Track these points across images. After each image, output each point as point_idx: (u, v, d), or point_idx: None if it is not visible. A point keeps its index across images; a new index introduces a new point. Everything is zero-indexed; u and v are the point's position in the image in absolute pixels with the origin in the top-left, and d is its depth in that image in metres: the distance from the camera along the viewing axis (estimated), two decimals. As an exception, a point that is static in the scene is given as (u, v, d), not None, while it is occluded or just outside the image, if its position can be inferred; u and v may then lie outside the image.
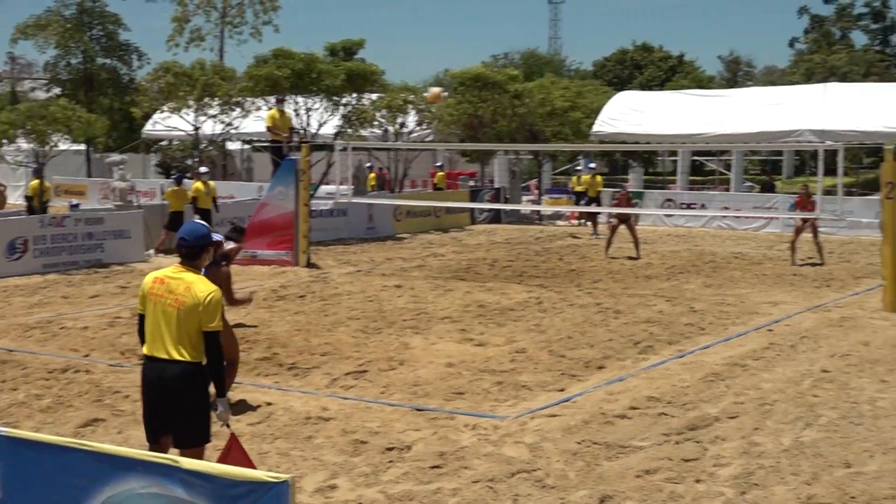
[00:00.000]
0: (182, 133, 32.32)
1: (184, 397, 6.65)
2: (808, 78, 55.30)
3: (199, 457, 6.51)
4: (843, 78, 53.08)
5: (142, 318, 6.85)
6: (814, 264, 21.68)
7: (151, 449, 6.72)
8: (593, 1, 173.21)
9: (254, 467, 6.24)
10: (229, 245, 13.30)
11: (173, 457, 4.98)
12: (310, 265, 21.11)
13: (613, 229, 23.40)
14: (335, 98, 28.60)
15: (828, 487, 7.72)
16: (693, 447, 8.69)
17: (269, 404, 10.11)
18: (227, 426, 6.74)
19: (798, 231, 22.09)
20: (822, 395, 10.47)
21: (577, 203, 32.24)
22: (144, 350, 6.79)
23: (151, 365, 6.71)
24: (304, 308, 16.12)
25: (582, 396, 10.49)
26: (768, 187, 36.47)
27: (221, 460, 6.24)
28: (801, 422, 9.45)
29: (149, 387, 6.76)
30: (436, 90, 24.86)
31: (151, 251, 22.44)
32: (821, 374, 11.37)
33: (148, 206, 24.58)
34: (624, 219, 23.30)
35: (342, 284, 18.75)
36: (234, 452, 6.46)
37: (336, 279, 19.47)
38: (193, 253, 6.84)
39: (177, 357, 6.60)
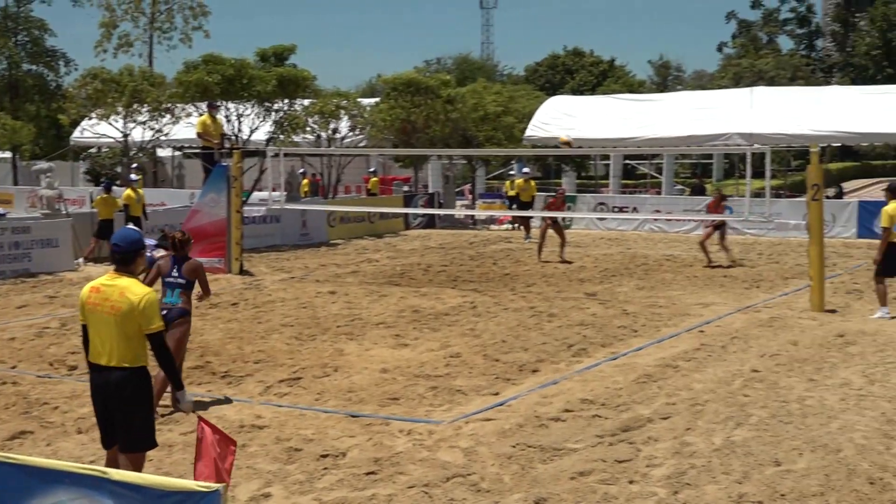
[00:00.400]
0: (111, 140, 31.94)
1: (127, 404, 6.69)
2: (737, 82, 56.17)
3: (140, 462, 6.77)
4: (771, 82, 54.00)
5: (85, 328, 6.88)
6: (721, 265, 21.92)
7: (107, 455, 6.95)
8: (525, 6, 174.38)
9: (234, 442, 6.32)
10: (159, 252, 13.24)
11: (101, 468, 4.92)
12: (243, 272, 20.95)
13: (543, 232, 23.53)
14: (267, 104, 28.44)
15: (758, 486, 7.82)
16: (626, 448, 8.76)
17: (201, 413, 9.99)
18: (194, 412, 6.89)
19: (708, 234, 22.39)
20: (753, 394, 10.61)
21: (510, 207, 32.38)
22: (89, 359, 6.84)
23: (96, 373, 6.78)
24: (238, 316, 15.99)
25: (516, 400, 10.52)
26: (698, 190, 36.90)
27: (197, 448, 6.22)
28: (732, 421, 9.57)
29: (96, 394, 6.83)
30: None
31: (80, 260, 22.10)
32: (751, 374, 11.52)
33: (76, 215, 24.22)
34: (553, 221, 23.48)
35: (276, 291, 18.63)
36: (206, 437, 6.26)
37: (269, 286, 19.34)
38: (127, 258, 6.86)
39: (118, 364, 6.67)
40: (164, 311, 9.32)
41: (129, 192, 23.16)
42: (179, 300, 10.37)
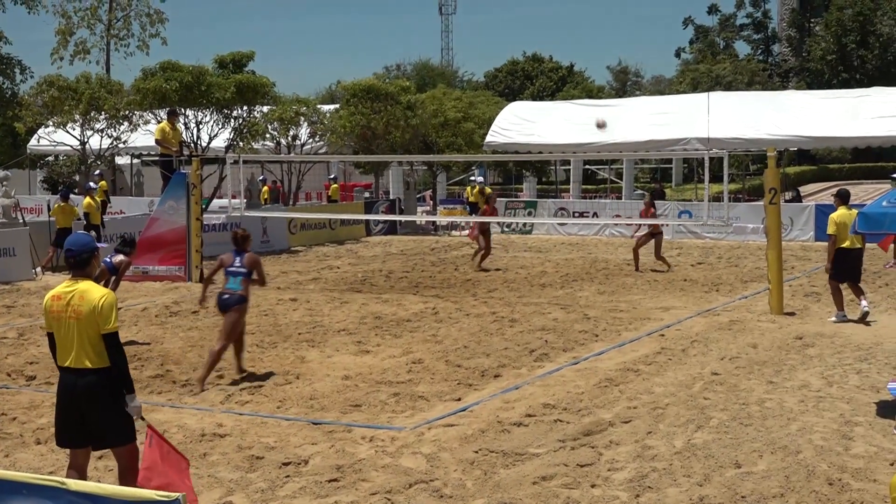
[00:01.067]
0: (68, 148, 31.64)
1: (99, 404, 6.90)
2: (695, 87, 56.68)
3: (133, 454, 7.09)
4: (728, 87, 54.54)
5: (50, 335, 7.10)
6: (659, 270, 22.06)
7: (70, 455, 7.22)
8: (484, 12, 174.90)
9: (179, 453, 6.91)
10: (118, 257, 13.15)
11: (60, 479, 4.87)
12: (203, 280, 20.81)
13: (476, 239, 23.43)
14: (226, 111, 28.30)
15: (719, 488, 7.88)
16: (588, 452, 8.79)
17: (161, 422, 9.93)
18: (142, 419, 7.06)
19: (642, 241, 22.47)
20: (713, 397, 10.69)
21: (470, 213, 32.36)
22: (58, 361, 7.05)
23: (65, 375, 6.99)
24: (198, 324, 15.89)
25: (478, 405, 10.53)
26: (658, 195, 37.15)
27: (145, 452, 6.72)
28: (693, 424, 9.63)
29: (63, 396, 7.00)
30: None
31: (38, 269, 21.87)
32: (711, 377, 11.61)
33: (33, 223, 23.98)
34: (484, 229, 23.10)
35: (236, 299, 18.51)
36: (154, 442, 6.79)
37: (230, 294, 19.21)
38: (82, 261, 7.06)
39: (84, 366, 6.88)
40: (227, 296, 11.86)
41: (88, 200, 22.96)
42: (240, 287, 11.96)
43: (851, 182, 48.58)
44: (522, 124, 36.48)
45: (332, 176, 38.95)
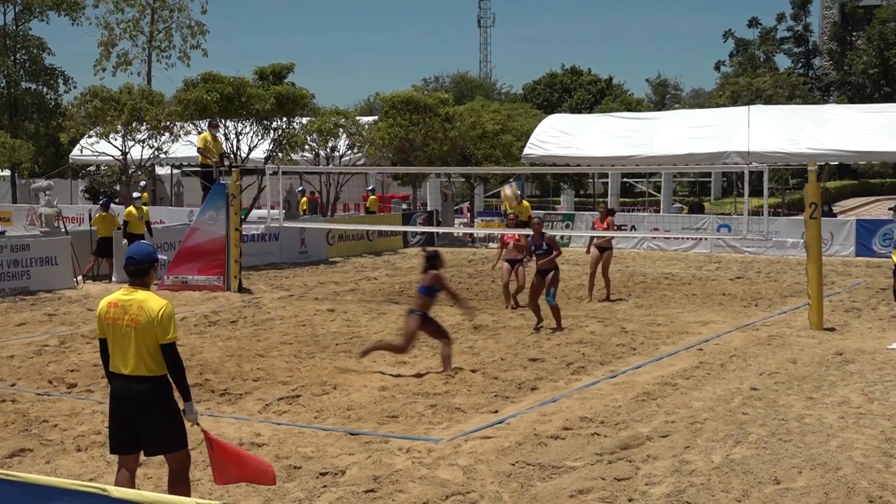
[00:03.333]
0: (110, 158, 31.98)
1: (153, 410, 7.04)
2: (734, 100, 56.38)
3: (186, 459, 7.25)
4: (768, 100, 54.21)
5: (102, 341, 7.20)
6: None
7: (119, 461, 7.29)
8: (522, 25, 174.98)
9: (236, 449, 7.27)
10: (428, 277, 13.28)
11: (101, 485, 4.91)
12: (241, 290, 20.95)
13: (506, 274, 19.73)
14: (265, 122, 28.50)
15: (757, 503, 7.83)
16: (625, 466, 8.76)
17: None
18: (198, 425, 7.23)
19: (597, 259, 20.35)
20: (752, 412, 10.62)
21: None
22: (110, 368, 7.16)
23: (117, 382, 7.10)
24: (236, 333, 15.98)
25: (515, 418, 10.52)
26: (697, 208, 37.00)
27: (210, 456, 7.09)
28: (731, 439, 9.57)
29: (117, 402, 7.13)
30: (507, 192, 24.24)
31: (79, 278, 22.10)
32: (750, 392, 11.53)
33: (75, 233, 24.21)
34: (512, 259, 19.58)
35: (274, 309, 18.63)
36: (216, 448, 7.12)
37: (268, 304, 19.34)
38: (142, 271, 7.18)
39: (140, 374, 7.00)
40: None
41: (130, 208, 23.18)
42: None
43: (892, 197, 48.15)
44: (560, 137, 36.43)
45: (370, 187, 39.08)
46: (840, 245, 28.34)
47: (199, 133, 26.55)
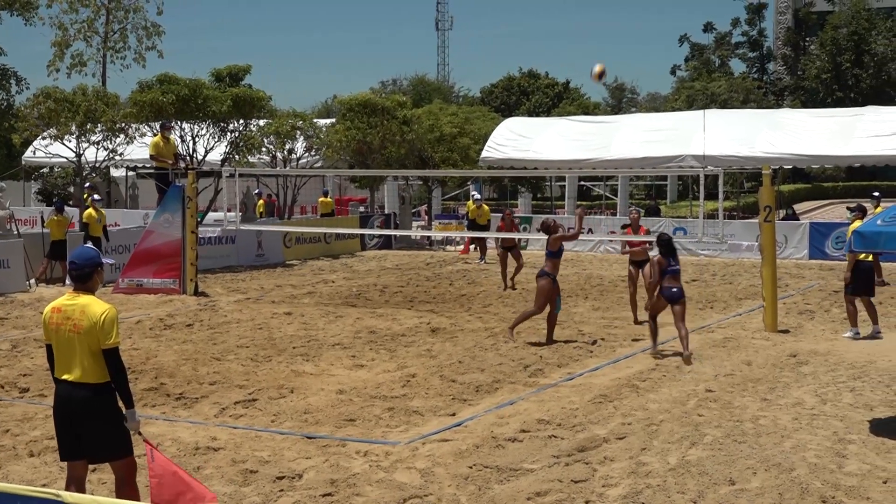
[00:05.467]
0: (64, 160, 31.64)
1: (96, 418, 6.93)
2: (690, 104, 56.79)
3: (131, 467, 7.13)
4: (723, 104, 54.66)
5: (48, 347, 7.12)
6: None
7: (68, 467, 7.20)
8: (480, 28, 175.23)
9: (177, 469, 7.09)
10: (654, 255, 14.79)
11: (55, 491, 4.87)
12: (198, 293, 20.81)
13: (502, 259, 22.71)
14: (222, 124, 28.33)
15: (713, 505, 7.88)
16: (582, 468, 8.80)
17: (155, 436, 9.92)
18: (139, 434, 7.10)
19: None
20: (707, 414, 10.70)
21: (468, 229, 32.33)
22: (55, 374, 7.06)
23: (61, 387, 7.00)
24: (192, 337, 15.88)
25: (473, 421, 10.53)
26: (653, 211, 37.18)
27: (150, 468, 6.94)
28: (687, 441, 9.64)
29: (60, 409, 7.03)
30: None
31: (32, 281, 21.86)
32: (705, 394, 11.62)
33: (28, 235, 23.95)
34: (509, 246, 22.67)
35: (231, 312, 18.53)
36: (156, 458, 7.02)
37: (225, 307, 19.23)
38: (84, 275, 7.09)
39: (84, 380, 6.89)
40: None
41: (89, 211, 22.97)
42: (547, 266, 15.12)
43: (845, 200, 48.64)
44: (518, 140, 36.54)
45: (324, 190, 38.99)
46: (794, 248, 28.63)
47: (154, 135, 26.32)
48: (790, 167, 37.02)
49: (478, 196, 32.08)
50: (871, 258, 15.27)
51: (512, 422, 10.42)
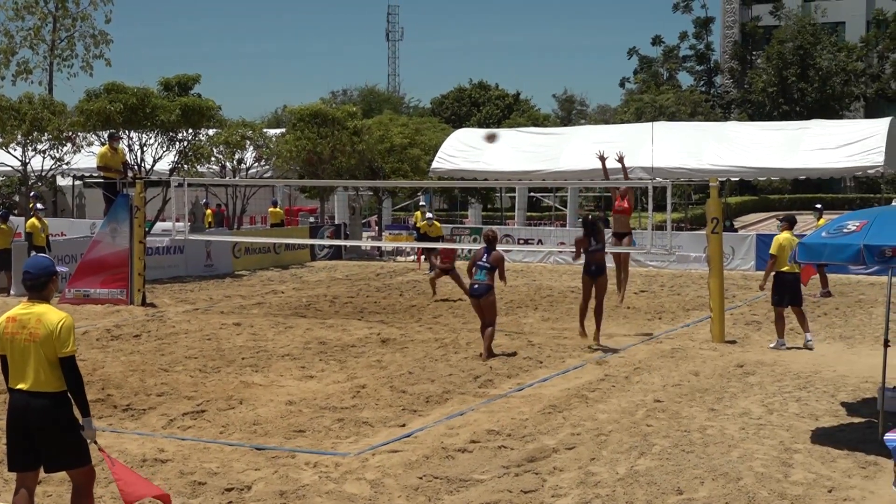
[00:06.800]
0: (9, 168, 31.21)
1: (54, 427, 6.89)
2: (639, 117, 57.27)
3: (90, 475, 7.13)
4: (671, 117, 55.18)
5: (2, 358, 7.05)
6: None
7: (17, 478, 7.13)
8: (431, 39, 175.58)
9: (136, 477, 7.16)
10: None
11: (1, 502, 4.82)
12: (145, 304, 20.62)
13: (433, 282, 22.45)
14: (170, 133, 28.11)
15: (661, 514, 7.93)
16: (532, 479, 8.82)
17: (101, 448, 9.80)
18: (95, 443, 7.05)
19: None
20: (656, 424, 10.78)
21: (417, 239, 32.33)
22: (9, 384, 7.01)
23: (16, 396, 6.95)
24: (140, 348, 15.73)
25: (423, 431, 10.53)
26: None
27: (113, 472, 6.96)
28: (636, 451, 9.70)
29: (15, 418, 6.97)
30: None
31: (-24, 291, 21.54)
32: (654, 404, 11.70)
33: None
34: (446, 269, 21.87)
35: (179, 323, 18.38)
36: (115, 464, 7.06)
37: (173, 318, 19.07)
38: (39, 284, 7.06)
39: (40, 389, 6.85)
40: (476, 286, 14.83)
41: (33, 220, 22.69)
42: (486, 278, 14.75)
43: (791, 212, 49.30)
44: (468, 151, 36.63)
45: (273, 200, 38.81)
46: (741, 259, 28.93)
47: (102, 144, 26.05)
48: (737, 179, 37.46)
49: (430, 215, 31.94)
50: (796, 269, 15.46)
51: (462, 432, 10.43)
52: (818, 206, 25.17)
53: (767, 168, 32.47)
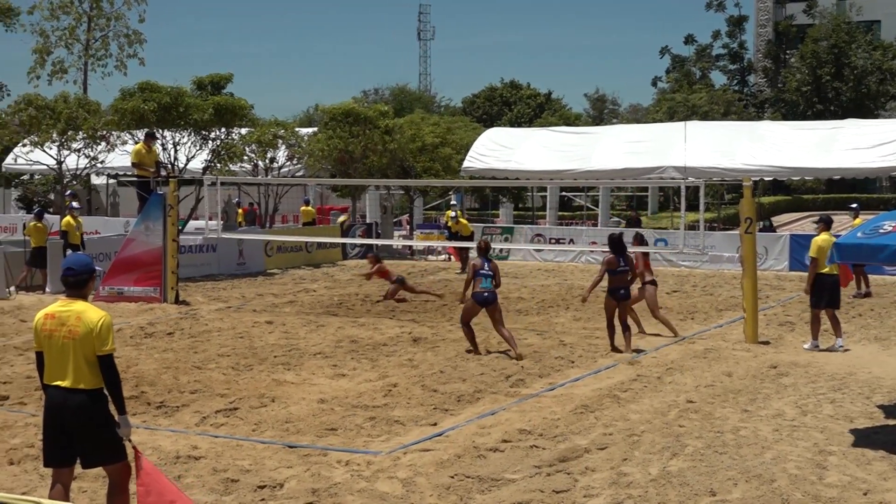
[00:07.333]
0: (44, 167, 31.48)
1: (91, 423, 6.95)
2: (671, 116, 56.94)
3: (126, 471, 7.15)
4: (704, 116, 54.82)
5: (39, 354, 7.11)
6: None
7: (53, 474, 7.16)
8: (462, 38, 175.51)
9: (164, 478, 6.99)
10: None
11: (36, 499, 4.85)
12: (178, 302, 20.74)
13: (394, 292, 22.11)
14: (203, 132, 28.26)
15: (694, 515, 7.89)
16: (564, 479, 8.80)
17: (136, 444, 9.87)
18: (129, 440, 7.10)
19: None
20: (688, 425, 10.72)
21: (448, 239, 32.35)
22: (45, 380, 7.05)
23: (53, 392, 6.98)
24: (173, 345, 15.82)
25: (454, 430, 10.52)
26: (634, 223, 37.30)
27: (137, 475, 6.86)
28: (668, 451, 9.65)
29: (52, 415, 7.01)
30: None
31: (12, 288, 21.74)
32: (686, 405, 11.65)
33: (8, 242, 23.83)
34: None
35: (212, 321, 18.47)
36: (144, 466, 6.93)
37: (206, 316, 19.17)
38: (81, 282, 7.12)
39: (77, 386, 6.90)
40: (486, 294, 14.97)
41: (68, 219, 22.89)
42: (491, 285, 15.03)
43: (825, 212, 48.93)
44: (500, 150, 36.59)
45: (304, 198, 38.93)
46: (774, 259, 28.75)
47: (136, 143, 26.23)
48: (770, 179, 37.22)
49: (453, 214, 31.87)
50: (835, 271, 15.35)
51: (493, 432, 10.42)
52: (854, 205, 24.96)
53: (801, 168, 32.23)
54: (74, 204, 24.14)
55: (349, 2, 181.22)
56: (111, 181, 42.09)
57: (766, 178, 35.65)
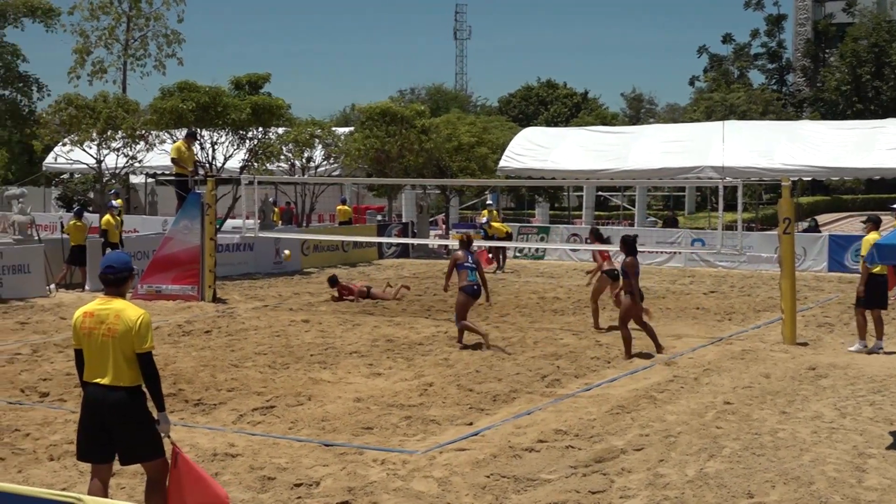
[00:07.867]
0: (84, 166, 31.77)
1: (130, 420, 7.01)
2: (709, 116, 56.61)
3: (164, 468, 7.15)
4: (742, 116, 54.49)
5: (77, 352, 7.16)
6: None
7: (92, 470, 7.23)
8: (499, 38, 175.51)
9: (203, 475, 7.07)
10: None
11: (75, 494, 4.89)
12: (216, 300, 20.87)
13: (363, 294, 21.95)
14: (241, 132, 28.42)
15: (732, 517, 7.84)
16: (600, 479, 8.77)
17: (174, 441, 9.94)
18: (169, 437, 7.15)
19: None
20: (725, 426, 10.66)
21: (484, 238, 32.32)
22: (85, 377, 7.10)
23: (93, 390, 7.04)
24: (211, 343, 15.92)
25: (490, 430, 10.52)
26: (671, 222, 37.15)
27: (171, 471, 6.97)
28: (705, 453, 9.60)
29: (91, 412, 7.06)
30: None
31: (52, 286, 21.96)
32: (724, 406, 11.58)
33: (48, 241, 24.06)
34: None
35: (249, 319, 18.57)
36: (179, 466, 7.01)
37: (243, 314, 19.28)
38: (120, 280, 7.18)
39: (116, 384, 6.96)
40: (476, 286, 15.40)
41: (108, 217, 23.09)
42: (477, 277, 15.46)
43: (864, 213, 48.48)
44: (536, 150, 36.55)
45: (341, 198, 39.05)
46: (813, 260, 28.53)
47: (174, 142, 26.42)
48: (809, 179, 36.92)
49: (484, 219, 31.68)
50: (885, 271, 15.20)
51: (529, 432, 10.41)
52: (894, 206, 24.72)
53: (841, 168, 31.96)
54: (114, 203, 24.32)
55: (386, 2, 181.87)
56: (150, 180, 42.41)
57: (805, 178, 35.37)
